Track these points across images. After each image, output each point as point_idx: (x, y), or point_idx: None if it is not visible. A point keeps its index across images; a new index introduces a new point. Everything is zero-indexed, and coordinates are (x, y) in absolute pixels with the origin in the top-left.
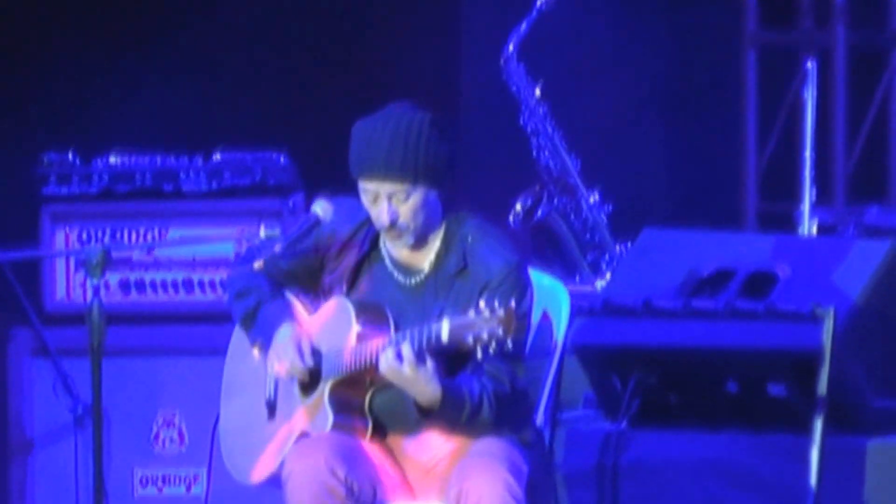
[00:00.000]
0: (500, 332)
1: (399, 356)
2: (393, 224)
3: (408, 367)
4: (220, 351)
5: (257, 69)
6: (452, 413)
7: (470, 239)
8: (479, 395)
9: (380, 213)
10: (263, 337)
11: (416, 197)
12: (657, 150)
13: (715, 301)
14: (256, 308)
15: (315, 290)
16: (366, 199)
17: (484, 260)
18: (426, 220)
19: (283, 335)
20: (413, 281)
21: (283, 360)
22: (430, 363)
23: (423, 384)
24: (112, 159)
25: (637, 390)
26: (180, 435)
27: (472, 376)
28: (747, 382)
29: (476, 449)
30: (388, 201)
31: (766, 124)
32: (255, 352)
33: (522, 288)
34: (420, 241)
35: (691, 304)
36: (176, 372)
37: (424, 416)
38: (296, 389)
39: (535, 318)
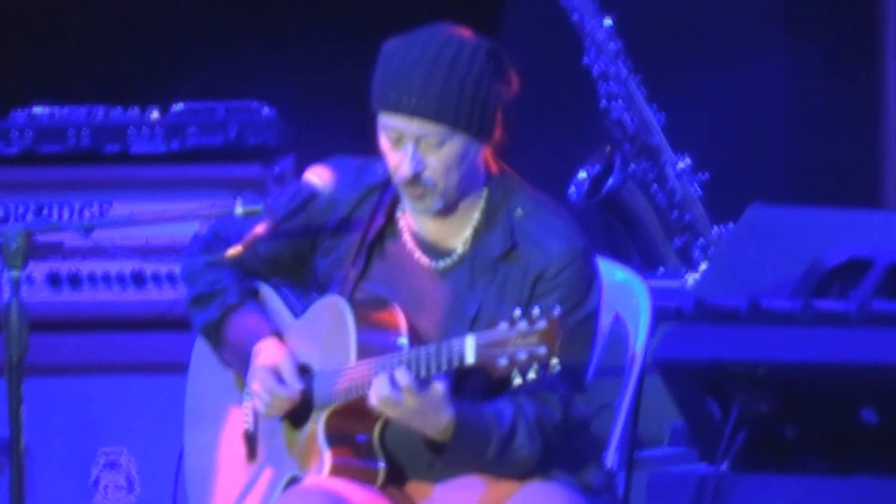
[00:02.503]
0: (542, 351)
1: (394, 383)
2: (416, 177)
3: (408, 397)
4: (180, 366)
5: None
6: (474, 445)
7: (520, 211)
8: (513, 420)
9: (401, 160)
10: (234, 361)
11: (453, 146)
12: (769, 102)
13: (846, 301)
14: (221, 321)
15: (305, 280)
16: (386, 140)
17: (540, 240)
18: (462, 181)
19: (258, 357)
20: (442, 264)
21: (259, 393)
22: (439, 385)
23: (430, 414)
24: (37, 110)
25: (742, 420)
26: (128, 480)
27: (505, 398)
28: (890, 411)
29: (522, 497)
30: (413, 145)
31: None
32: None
33: (588, 282)
34: (450, 209)
35: (813, 305)
36: (122, 395)
37: (436, 454)
38: (282, 420)
39: (605, 323)
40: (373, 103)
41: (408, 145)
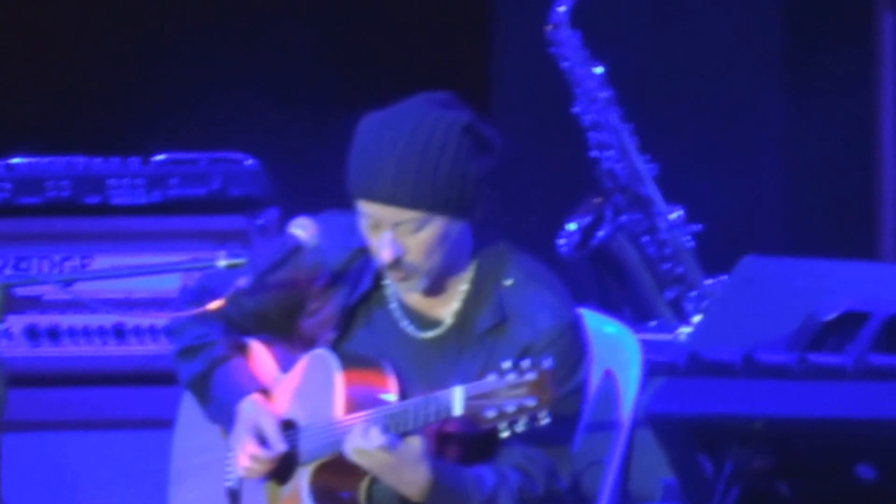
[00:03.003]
0: (531, 403)
1: (366, 434)
2: (396, 263)
3: (376, 448)
4: (161, 422)
5: (216, 46)
6: None
7: (510, 283)
8: (494, 486)
9: (380, 247)
10: (219, 416)
11: (432, 229)
12: (763, 151)
13: (842, 355)
14: (207, 374)
15: (291, 337)
16: (364, 226)
17: (528, 314)
18: (445, 260)
19: (242, 415)
20: (429, 335)
21: (240, 454)
22: (417, 440)
23: (406, 469)
24: (15, 161)
25: (735, 477)
26: None
27: (487, 465)
28: (886, 466)
29: None
30: (391, 231)
31: None
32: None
33: (576, 357)
34: (436, 287)
35: (809, 359)
36: (102, 451)
37: None
38: (266, 477)
39: (595, 377)
40: (348, 188)
41: (385, 231)
